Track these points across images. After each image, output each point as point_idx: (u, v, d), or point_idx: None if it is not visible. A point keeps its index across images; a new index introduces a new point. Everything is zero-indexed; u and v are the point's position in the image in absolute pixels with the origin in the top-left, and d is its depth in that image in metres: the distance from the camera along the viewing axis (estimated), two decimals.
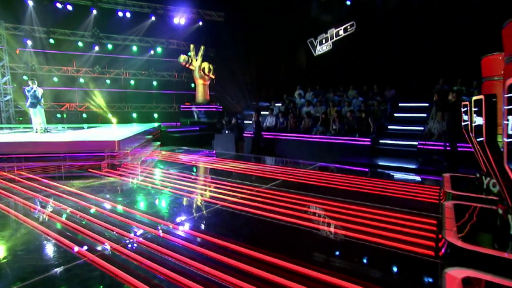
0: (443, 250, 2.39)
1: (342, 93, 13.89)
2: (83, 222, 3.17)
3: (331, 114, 11.04)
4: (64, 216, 3.39)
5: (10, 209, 3.65)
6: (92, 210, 3.60)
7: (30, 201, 3.96)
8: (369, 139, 9.06)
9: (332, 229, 3.00)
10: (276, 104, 13.71)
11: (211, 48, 17.45)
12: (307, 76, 17.35)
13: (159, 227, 3.04)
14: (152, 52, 16.89)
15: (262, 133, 11.21)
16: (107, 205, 3.82)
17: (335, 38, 17.33)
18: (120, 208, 3.69)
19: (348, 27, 16.82)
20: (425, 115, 10.47)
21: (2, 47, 14.39)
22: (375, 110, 11.02)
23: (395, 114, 11.67)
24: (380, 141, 9.49)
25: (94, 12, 15.04)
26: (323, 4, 17.37)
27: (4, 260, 2.45)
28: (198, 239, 2.74)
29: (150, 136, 8.70)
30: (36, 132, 8.24)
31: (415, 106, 11.51)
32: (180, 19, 16.62)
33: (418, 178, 6.00)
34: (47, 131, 8.40)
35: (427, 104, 10.89)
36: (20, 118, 14.87)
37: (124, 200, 4.08)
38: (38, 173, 5.37)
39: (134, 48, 16.63)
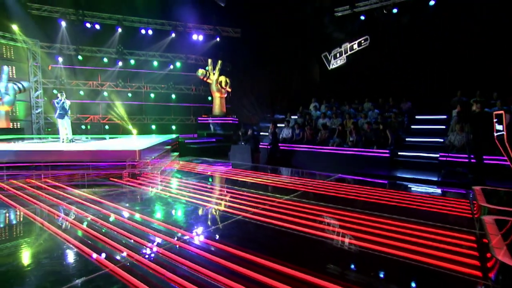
0: (494, 271, 2.12)
1: (357, 106, 13.69)
2: (103, 230, 3.10)
3: (347, 126, 10.83)
4: (86, 224, 3.33)
5: (36, 216, 3.63)
6: (113, 219, 3.52)
7: (54, 208, 3.93)
8: (387, 151, 8.75)
9: (361, 244, 2.77)
10: (292, 117, 13.61)
11: (228, 62, 17.70)
12: (321, 89, 17.30)
13: (181, 238, 2.91)
14: (171, 66, 17.27)
15: (279, 144, 11.09)
16: (128, 214, 3.75)
17: (349, 52, 17.32)
18: (140, 217, 3.59)
19: (362, 41, 16.82)
20: (443, 127, 10.11)
21: (37, 64, 15.14)
22: (393, 122, 10.72)
23: (412, 126, 11.32)
24: (399, 153, 9.14)
25: (119, 30, 15.61)
26: (337, 19, 17.49)
27: (29, 268, 2.39)
28: (221, 251, 2.58)
29: (169, 147, 8.71)
30: (63, 142, 8.42)
31: (433, 118, 11.14)
32: (198, 35, 17.01)
33: (441, 190, 5.64)
34: (73, 141, 8.57)
35: (445, 117, 10.57)
36: (49, 129, 15.38)
37: (145, 209, 3.99)
38: (63, 181, 5.40)
39: (155, 63, 17.07)
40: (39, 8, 14.60)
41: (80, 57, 15.73)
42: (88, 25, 15.15)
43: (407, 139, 10.32)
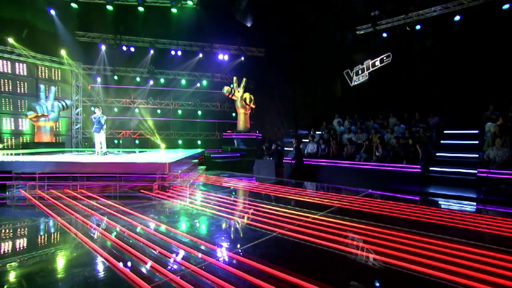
0: None
1: (382, 121, 13.17)
2: (131, 241, 2.94)
3: (374, 141, 10.32)
4: (116, 235, 3.17)
5: (70, 226, 3.54)
6: (143, 231, 3.34)
7: (87, 219, 3.84)
8: (419, 166, 8.14)
9: (413, 267, 2.37)
10: (317, 132, 13.30)
11: (252, 80, 17.84)
12: (343, 105, 16.95)
13: (215, 255, 2.65)
14: (198, 84, 17.67)
15: (303, 159, 10.75)
16: (158, 227, 3.56)
17: (371, 69, 16.98)
18: (171, 231, 3.39)
19: (385, 58, 16.49)
20: (476, 142, 9.39)
21: (79, 84, 16.05)
22: (422, 137, 10.08)
23: (442, 141, 10.61)
24: (430, 168, 8.49)
25: (152, 51, 16.29)
26: (359, 37, 17.33)
27: (58, 276, 2.29)
28: (259, 271, 2.29)
29: (196, 161, 8.62)
30: (97, 154, 8.59)
31: (464, 133, 10.40)
32: (224, 55, 17.37)
33: (484, 208, 5.03)
34: (106, 154, 8.73)
35: (476, 131, 9.86)
36: (86, 143, 16.01)
37: (176, 222, 3.80)
38: (96, 192, 5.38)
39: (183, 81, 17.54)
40: (83, 35, 15.64)
41: (115, 77, 16.50)
42: (124, 48, 15.96)
43: (437, 154, 9.67)
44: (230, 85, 15.45)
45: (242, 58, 17.68)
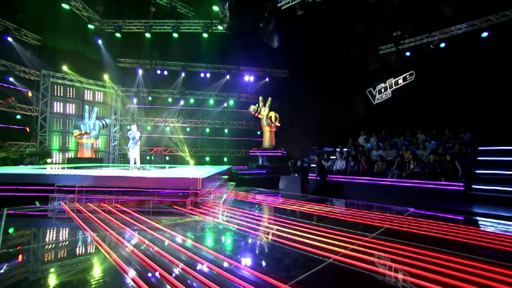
0: None
1: (410, 138, 12.26)
2: (164, 261, 2.49)
3: (406, 158, 9.48)
4: (147, 254, 2.77)
5: (102, 243, 3.20)
6: (176, 251, 2.92)
7: (122, 236, 3.50)
8: (461, 184, 7.20)
9: None
10: (344, 149, 12.63)
11: (276, 100, 17.66)
12: (367, 123, 16.22)
13: None
14: (225, 104, 17.74)
15: (331, 176, 10.09)
16: (194, 247, 3.12)
17: (394, 87, 16.30)
18: (213, 255, 2.93)
19: (408, 76, 15.84)
20: None
21: (117, 105, 16.66)
22: (458, 153, 9.11)
23: (479, 158, 9.53)
24: (473, 186, 7.51)
25: (183, 74, 16.70)
26: (381, 57, 16.85)
27: None
28: None
29: (226, 177, 8.24)
30: (132, 169, 8.49)
31: (503, 149, 9.27)
32: (249, 76, 17.44)
33: None
34: (140, 170, 8.61)
35: None
36: (121, 159, 16.32)
37: (214, 244, 3.35)
38: (131, 206, 5.11)
39: (211, 101, 17.70)
40: (124, 61, 16.42)
41: (150, 98, 16.99)
42: (158, 71, 16.51)
43: (476, 171, 8.62)
44: (256, 104, 15.31)
45: (267, 79, 17.65)
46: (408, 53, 15.46)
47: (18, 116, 13.21)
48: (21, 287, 2.21)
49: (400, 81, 16.10)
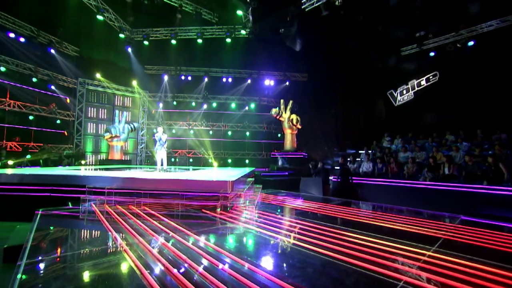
0: None
1: (438, 139, 11.20)
2: (195, 278, 1.98)
3: (438, 160, 8.53)
4: (182, 269, 2.28)
5: (132, 254, 2.77)
6: (208, 263, 2.41)
7: (149, 243, 3.06)
8: (511, 188, 6.22)
9: None
10: (368, 151, 11.78)
11: (296, 103, 17.05)
12: (388, 124, 15.22)
13: None
14: (247, 108, 17.34)
15: (357, 178, 9.32)
16: (230, 260, 2.60)
17: (416, 88, 15.22)
18: (253, 270, 2.40)
19: (431, 77, 14.69)
20: None
21: (145, 110, 16.75)
22: (498, 155, 8.04)
23: None
24: None
25: (206, 79, 16.50)
26: (403, 58, 15.81)
27: None
28: None
29: (251, 179, 7.72)
30: (159, 171, 8.20)
31: None
32: (270, 80, 16.96)
33: None
34: (166, 171, 8.31)
35: None
36: (148, 161, 16.33)
37: (253, 256, 2.82)
38: (159, 209, 4.71)
39: (233, 105, 17.37)
40: (150, 68, 16.51)
41: (174, 102, 16.93)
42: (183, 77, 16.43)
43: None
44: (277, 107, 14.78)
45: (287, 83, 17.08)
46: (432, 53, 14.37)
47: (58, 121, 13.54)
48: None
49: (423, 82, 15.05)
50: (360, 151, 12.86)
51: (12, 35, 11.45)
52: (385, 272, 2.23)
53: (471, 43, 12.94)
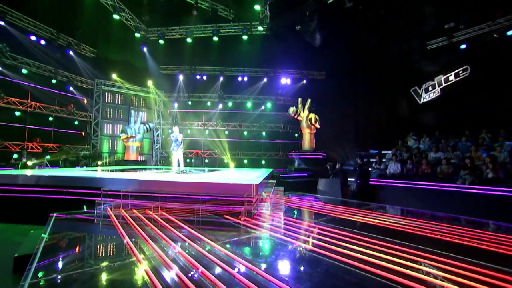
0: None
1: (472, 138, 10.24)
2: None
3: (480, 160, 7.71)
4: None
5: (148, 269, 2.38)
6: (237, 281, 1.97)
7: (168, 256, 2.66)
8: None
9: None
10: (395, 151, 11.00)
11: (313, 102, 16.46)
12: (413, 123, 14.28)
13: None
14: (263, 107, 16.88)
15: (385, 180, 8.66)
16: (261, 277, 2.14)
17: (444, 84, 14.16)
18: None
19: (461, 72, 13.59)
20: None
21: (160, 110, 16.69)
22: None
23: None
24: None
25: (221, 78, 16.20)
26: (429, 53, 14.77)
27: None
28: None
29: (273, 181, 7.25)
30: (175, 172, 7.90)
31: None
32: (287, 79, 16.43)
33: None
34: (184, 172, 8.00)
35: None
36: (163, 162, 16.23)
37: (292, 277, 2.35)
38: (177, 214, 4.34)
39: (249, 104, 16.98)
40: (166, 68, 16.42)
41: (190, 102, 16.74)
42: (198, 76, 16.22)
43: None
44: (295, 106, 14.25)
45: (305, 81, 16.48)
46: (463, 46, 13.26)
47: (76, 122, 13.68)
48: None
49: (452, 78, 13.97)
50: (383, 151, 12.11)
51: (33, 37, 11.63)
52: None
53: (510, 32, 11.82)
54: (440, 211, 5.63)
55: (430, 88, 14.76)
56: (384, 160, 9.85)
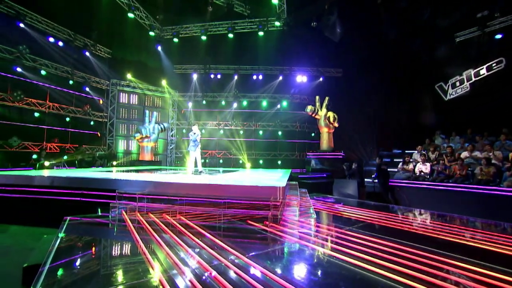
0: None
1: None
2: None
3: None
4: None
5: (165, 282, 2.01)
6: None
7: (183, 263, 2.29)
8: None
9: None
10: (422, 151, 10.30)
11: (330, 100, 15.83)
12: (438, 121, 13.36)
13: None
14: (278, 106, 16.44)
15: (415, 182, 8.02)
16: None
17: (474, 79, 13.15)
18: None
19: (494, 65, 12.54)
20: None
21: (175, 109, 16.59)
22: None
23: None
24: None
25: (236, 77, 15.89)
26: (457, 45, 13.77)
27: None
28: None
29: (295, 183, 6.80)
30: (193, 173, 7.61)
31: None
32: (302, 77, 15.90)
33: None
34: (201, 173, 7.69)
35: None
36: (178, 162, 16.10)
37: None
38: (197, 219, 3.99)
39: (264, 103, 16.58)
40: (180, 67, 16.31)
41: (204, 102, 16.53)
42: (212, 76, 15.98)
43: None
44: (312, 104, 13.70)
45: (321, 79, 15.89)
46: (499, 36, 12.21)
47: (92, 122, 13.77)
48: None
49: (483, 71, 12.94)
50: (407, 151, 11.38)
51: (51, 39, 11.77)
52: None
53: None
54: (479, 217, 5.02)
55: (457, 84, 13.80)
56: (411, 160, 9.16)
